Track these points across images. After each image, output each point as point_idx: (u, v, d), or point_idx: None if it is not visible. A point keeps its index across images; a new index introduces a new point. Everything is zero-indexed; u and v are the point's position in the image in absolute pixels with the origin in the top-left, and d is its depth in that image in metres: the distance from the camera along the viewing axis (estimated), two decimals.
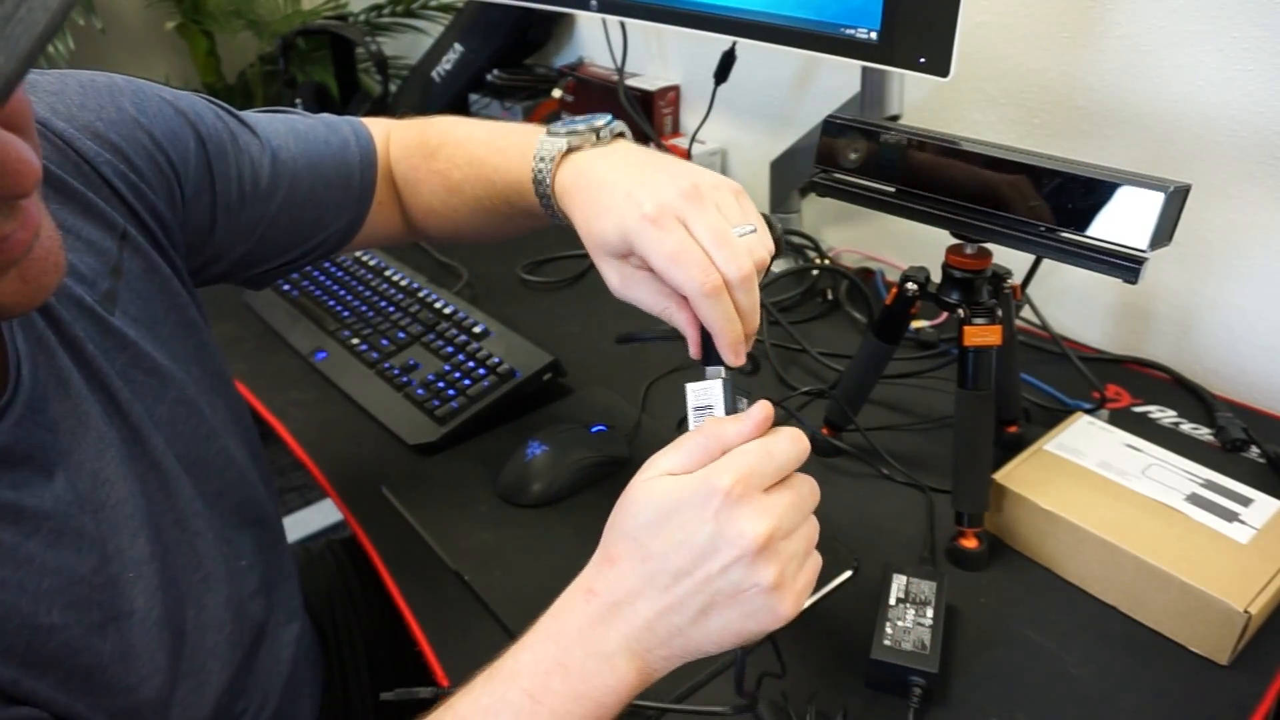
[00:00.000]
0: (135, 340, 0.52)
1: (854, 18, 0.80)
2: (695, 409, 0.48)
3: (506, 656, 0.45)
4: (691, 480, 0.43)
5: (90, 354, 0.48)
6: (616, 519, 0.45)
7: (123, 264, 0.52)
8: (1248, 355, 0.87)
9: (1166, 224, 0.54)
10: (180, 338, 0.56)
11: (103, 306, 0.50)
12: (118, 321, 0.51)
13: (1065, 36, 0.89)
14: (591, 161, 0.55)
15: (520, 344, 0.89)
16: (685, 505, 0.42)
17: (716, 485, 0.42)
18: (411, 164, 0.67)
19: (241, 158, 0.60)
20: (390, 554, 0.69)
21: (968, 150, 0.61)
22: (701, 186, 0.50)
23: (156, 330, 0.54)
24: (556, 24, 1.49)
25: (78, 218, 0.50)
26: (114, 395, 0.49)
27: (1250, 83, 0.78)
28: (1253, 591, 0.56)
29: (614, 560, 0.44)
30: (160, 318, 0.55)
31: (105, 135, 0.52)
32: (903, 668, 0.55)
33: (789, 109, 1.19)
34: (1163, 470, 0.67)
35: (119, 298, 0.51)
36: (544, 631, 0.45)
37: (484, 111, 1.41)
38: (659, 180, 0.50)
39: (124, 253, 0.52)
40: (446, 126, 0.67)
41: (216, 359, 0.60)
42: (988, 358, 0.64)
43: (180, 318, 0.56)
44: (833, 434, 0.78)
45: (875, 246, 1.11)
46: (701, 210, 0.49)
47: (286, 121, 0.65)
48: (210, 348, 0.60)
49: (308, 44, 1.98)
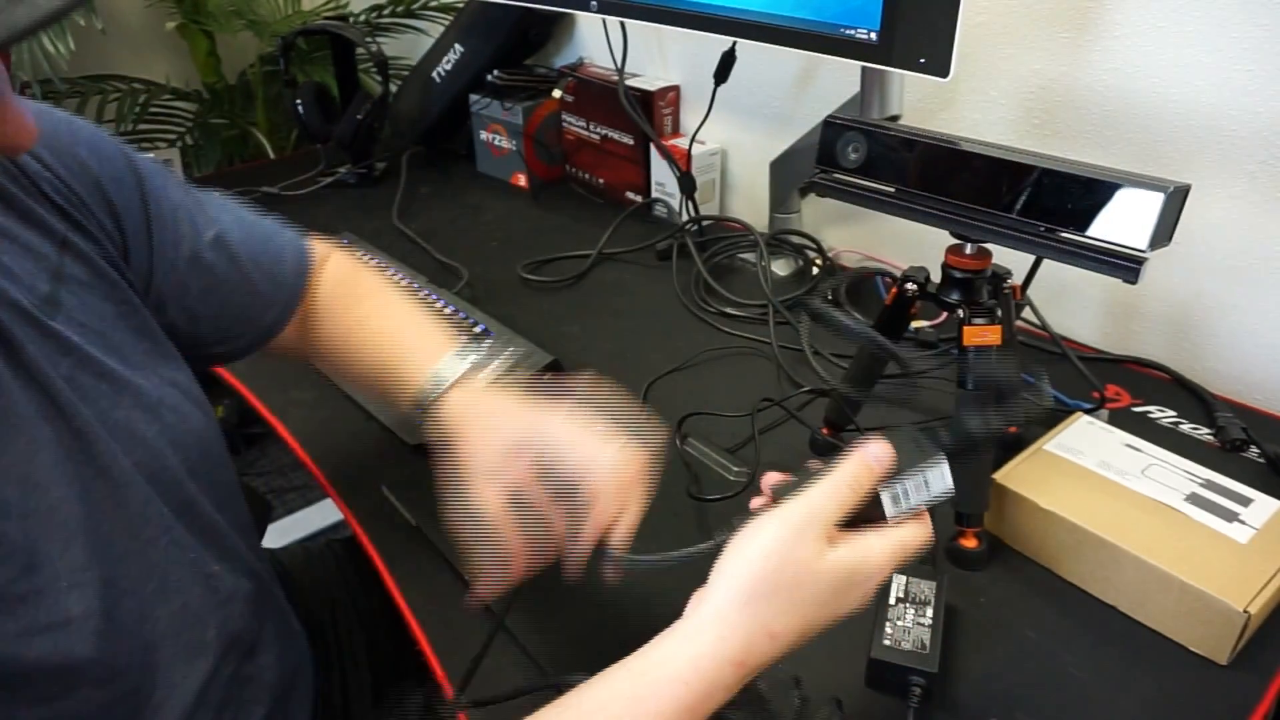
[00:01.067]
0: (81, 345, 0.51)
1: (854, 18, 0.80)
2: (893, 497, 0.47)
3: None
4: (866, 568, 0.44)
5: (29, 357, 0.48)
6: (783, 591, 0.43)
7: (64, 269, 0.52)
8: (1247, 355, 0.87)
9: (1166, 224, 0.54)
10: (134, 344, 0.55)
11: (42, 311, 0.50)
12: (60, 326, 0.50)
13: (1065, 36, 0.89)
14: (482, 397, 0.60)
15: (520, 344, 0.89)
16: (852, 585, 0.44)
17: (880, 577, 0.45)
18: (335, 294, 0.70)
19: (182, 225, 0.61)
20: (390, 554, 0.69)
21: (968, 150, 0.61)
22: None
23: (108, 337, 0.53)
24: (556, 24, 1.49)
25: (14, 222, 0.50)
26: (56, 399, 0.48)
27: (1250, 83, 0.78)
28: (1252, 591, 0.56)
29: (775, 635, 0.43)
30: (111, 324, 0.54)
31: (49, 159, 0.53)
32: (903, 667, 0.55)
33: (789, 109, 1.19)
34: (1162, 470, 0.67)
35: (62, 303, 0.51)
36: (681, 702, 0.42)
37: (484, 111, 1.41)
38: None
39: (65, 258, 0.52)
40: (375, 286, 0.71)
41: (177, 366, 0.59)
42: (988, 357, 0.64)
43: (134, 324, 0.56)
44: (832, 434, 0.78)
45: (875, 246, 1.12)
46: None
47: (237, 210, 0.67)
48: (173, 356, 0.59)
49: (308, 44, 1.98)
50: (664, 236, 1.15)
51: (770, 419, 0.82)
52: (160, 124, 1.90)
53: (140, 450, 0.52)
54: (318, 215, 1.31)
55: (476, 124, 1.45)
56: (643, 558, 0.48)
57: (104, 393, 0.52)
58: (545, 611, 0.63)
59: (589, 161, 1.37)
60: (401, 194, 1.35)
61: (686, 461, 0.77)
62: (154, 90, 1.86)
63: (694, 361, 0.93)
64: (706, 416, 0.81)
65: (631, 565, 0.50)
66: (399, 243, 1.21)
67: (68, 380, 0.49)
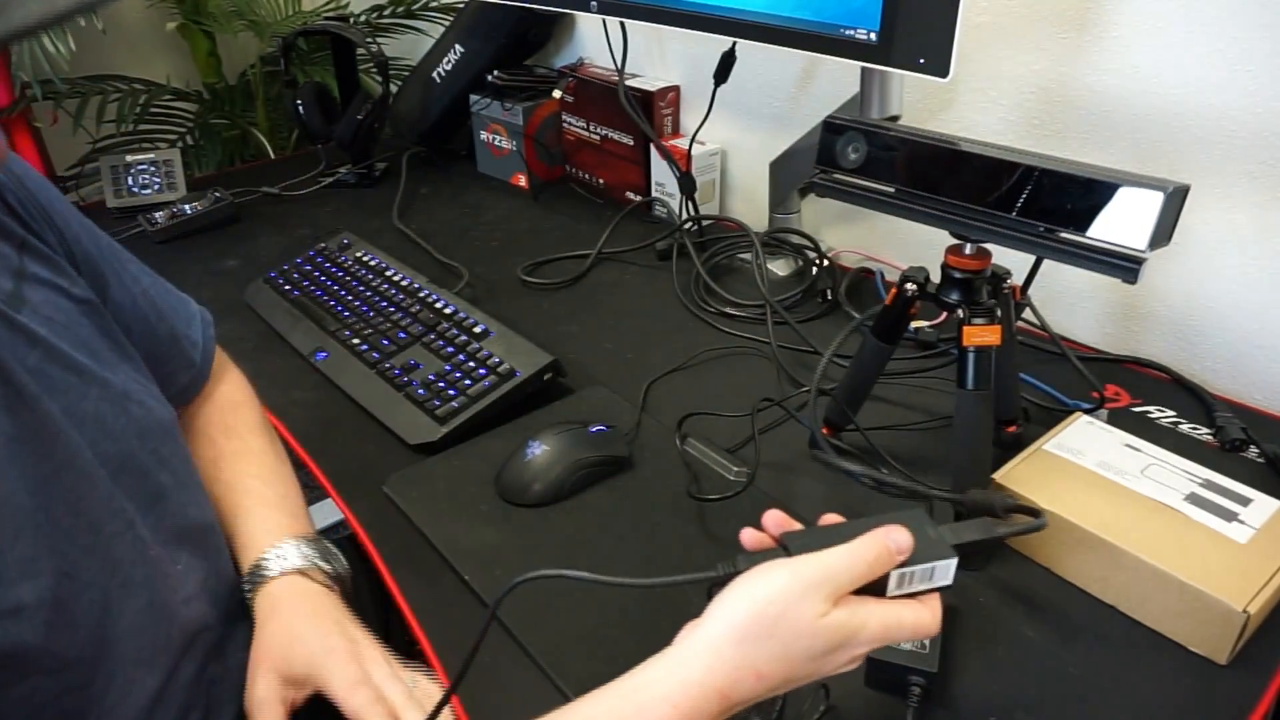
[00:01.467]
0: (49, 338, 0.52)
1: (854, 18, 0.80)
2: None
3: None
4: (862, 635, 0.45)
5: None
6: (778, 638, 0.43)
7: (25, 268, 0.53)
8: (1247, 355, 0.87)
9: (1166, 224, 0.54)
10: (98, 341, 0.57)
11: (8, 304, 0.51)
12: (25, 319, 0.51)
13: (1065, 36, 0.89)
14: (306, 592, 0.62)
15: (520, 344, 0.89)
16: (842, 648, 0.45)
17: (870, 646, 0.45)
18: (211, 419, 0.72)
19: (118, 267, 0.64)
20: (390, 554, 0.69)
21: (967, 150, 0.61)
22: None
23: (74, 331, 0.55)
24: (557, 25, 1.49)
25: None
26: (21, 391, 0.49)
27: (1250, 83, 0.79)
28: (1251, 591, 0.56)
29: (762, 677, 0.44)
30: (75, 320, 0.55)
31: (6, 182, 0.56)
32: (902, 667, 0.55)
33: (789, 109, 1.19)
34: (1162, 470, 0.67)
35: (27, 299, 0.52)
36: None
37: (484, 112, 1.41)
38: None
39: (24, 258, 0.54)
40: (247, 436, 0.72)
41: (137, 367, 0.60)
42: (987, 358, 0.64)
43: (96, 324, 0.57)
44: (832, 434, 0.78)
45: (875, 246, 1.12)
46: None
47: (150, 273, 0.69)
48: (133, 357, 0.60)
49: (309, 45, 1.98)
50: (662, 236, 1.16)
51: (770, 419, 0.82)
52: (160, 124, 1.90)
53: (108, 442, 0.53)
54: (318, 215, 1.31)
55: (476, 124, 1.45)
56: (641, 581, 0.48)
57: (73, 384, 0.52)
58: (545, 611, 0.63)
59: (589, 162, 1.37)
60: (401, 194, 1.35)
61: (686, 461, 0.77)
62: (154, 90, 1.86)
63: (694, 361, 0.93)
64: (706, 416, 0.81)
65: (630, 586, 0.50)
66: (399, 243, 1.21)
67: (34, 372, 0.50)
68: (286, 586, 0.62)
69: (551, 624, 0.62)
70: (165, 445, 0.59)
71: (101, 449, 0.53)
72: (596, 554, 0.68)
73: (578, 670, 0.58)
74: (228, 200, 1.27)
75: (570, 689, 0.57)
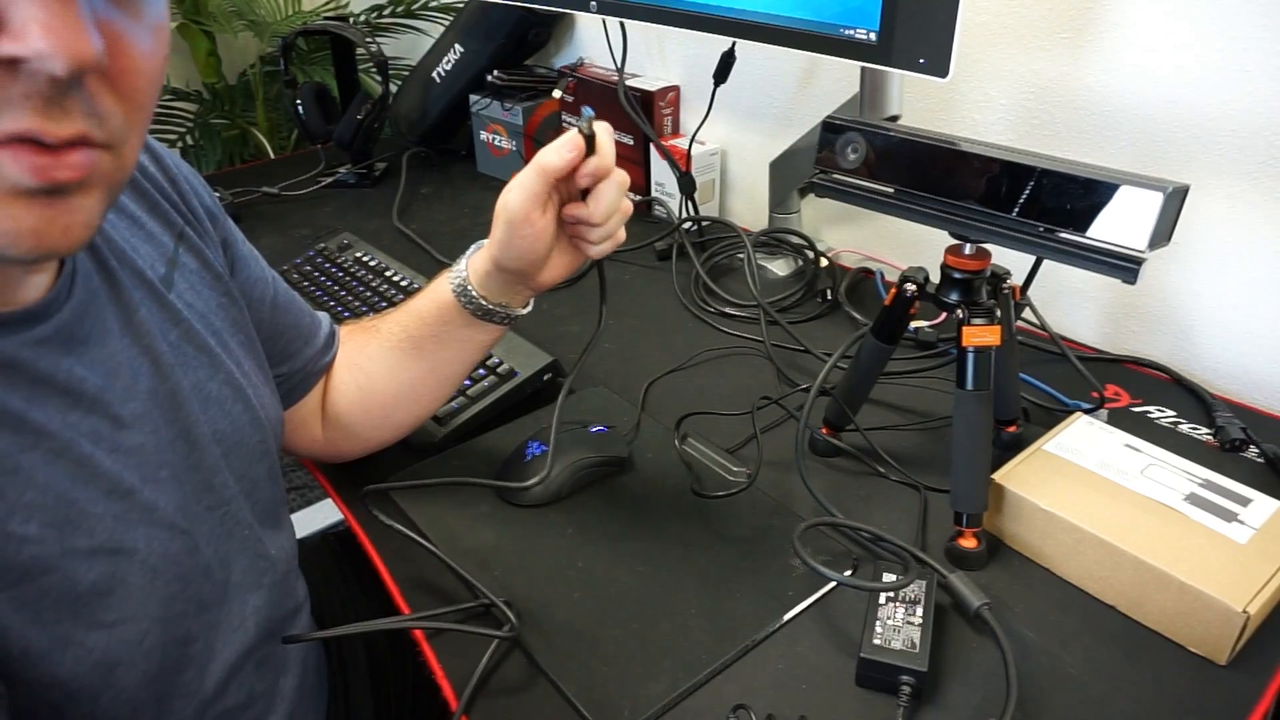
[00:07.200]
0: (188, 319, 0.56)
1: (853, 18, 0.80)
2: None
3: None
4: None
5: (142, 319, 0.52)
6: None
7: (178, 257, 0.58)
8: (1247, 355, 0.87)
9: (1165, 224, 0.54)
10: (231, 334, 0.61)
11: (162, 283, 0.55)
12: (174, 299, 0.55)
13: (1065, 37, 0.89)
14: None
15: (520, 344, 0.89)
16: None
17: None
18: (350, 333, 0.77)
19: (258, 270, 0.68)
20: (390, 554, 0.69)
21: (967, 150, 0.61)
22: None
23: (209, 320, 0.59)
24: (556, 24, 1.49)
25: (143, 211, 0.56)
26: (159, 360, 0.52)
27: (1250, 83, 0.79)
28: (1251, 591, 0.56)
29: None
30: (213, 310, 0.59)
31: (168, 174, 0.60)
32: (892, 666, 0.55)
33: (789, 109, 1.19)
34: (1162, 470, 0.67)
35: (175, 283, 0.56)
36: None
37: (484, 112, 1.41)
38: None
39: (179, 248, 0.58)
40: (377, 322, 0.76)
41: (261, 365, 0.64)
42: (987, 358, 0.64)
43: (232, 315, 0.61)
44: (832, 434, 0.78)
45: (875, 246, 1.12)
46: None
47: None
48: (260, 354, 0.64)
49: (308, 45, 1.98)
50: (662, 236, 1.16)
51: (770, 418, 0.82)
52: (160, 124, 1.90)
53: (225, 422, 0.57)
54: (318, 215, 1.31)
55: (476, 124, 1.45)
56: None
57: (203, 364, 0.56)
58: (545, 611, 0.63)
59: None
60: (401, 194, 1.35)
61: (686, 461, 0.77)
62: None
63: (693, 361, 0.93)
64: (706, 416, 0.81)
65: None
66: (399, 243, 1.21)
67: (173, 347, 0.54)
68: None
69: (551, 624, 0.62)
70: (272, 437, 0.62)
71: (218, 426, 0.56)
72: (596, 554, 0.68)
73: (577, 670, 0.58)
74: (227, 200, 1.27)
75: (571, 688, 0.57)
